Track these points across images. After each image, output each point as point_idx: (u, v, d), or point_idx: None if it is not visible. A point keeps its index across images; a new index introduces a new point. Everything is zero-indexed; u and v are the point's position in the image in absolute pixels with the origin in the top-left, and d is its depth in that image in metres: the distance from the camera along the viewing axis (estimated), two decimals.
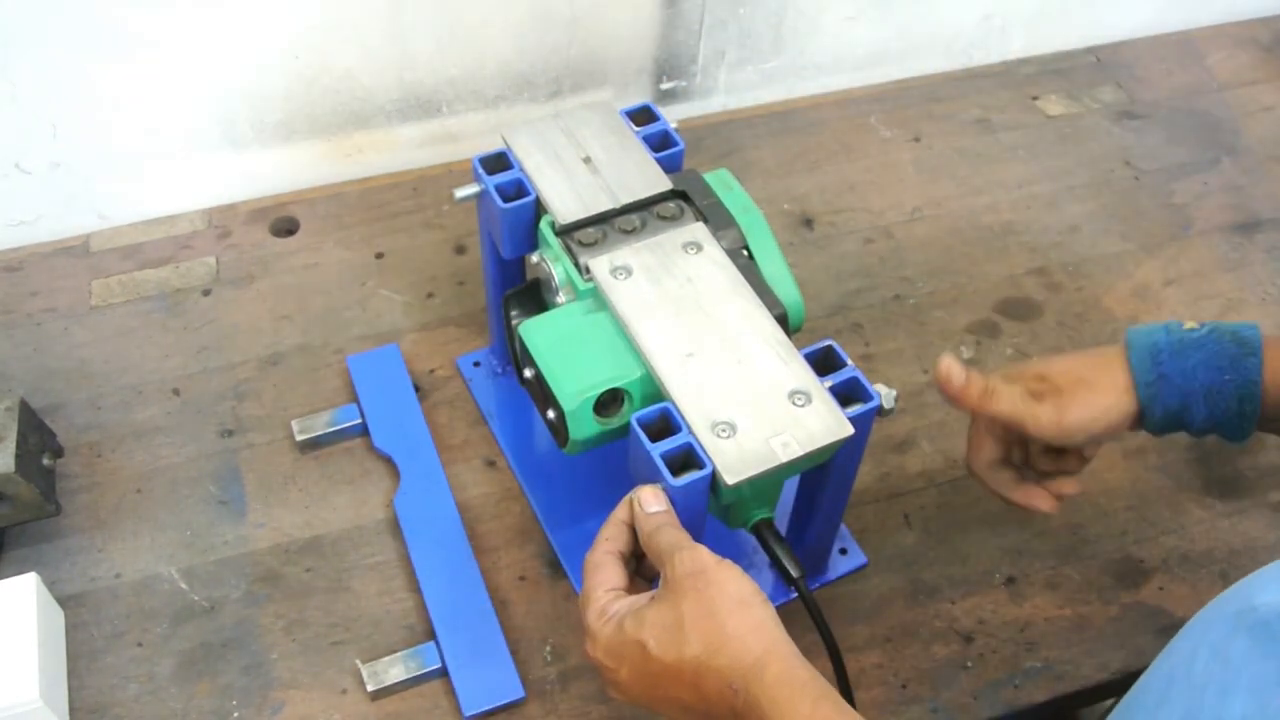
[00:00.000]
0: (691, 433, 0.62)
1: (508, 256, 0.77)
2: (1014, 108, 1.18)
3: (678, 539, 0.60)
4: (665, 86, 1.14)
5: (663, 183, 0.74)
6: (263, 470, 0.86)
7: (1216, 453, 0.89)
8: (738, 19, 1.10)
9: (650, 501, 0.62)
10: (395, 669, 0.75)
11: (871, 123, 1.15)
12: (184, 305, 0.96)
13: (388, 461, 0.86)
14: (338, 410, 0.88)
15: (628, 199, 0.73)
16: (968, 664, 0.77)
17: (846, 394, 0.65)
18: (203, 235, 1.02)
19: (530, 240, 0.76)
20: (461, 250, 1.01)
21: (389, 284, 0.99)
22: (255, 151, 1.04)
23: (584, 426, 0.66)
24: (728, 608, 0.56)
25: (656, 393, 0.66)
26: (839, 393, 0.65)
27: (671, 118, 0.79)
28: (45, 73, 0.92)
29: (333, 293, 0.98)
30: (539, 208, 0.74)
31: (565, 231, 0.72)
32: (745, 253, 0.72)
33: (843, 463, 0.68)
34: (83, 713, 0.74)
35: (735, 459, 0.61)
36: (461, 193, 0.77)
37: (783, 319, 0.68)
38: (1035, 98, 1.19)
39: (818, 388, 0.64)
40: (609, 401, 0.66)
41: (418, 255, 1.01)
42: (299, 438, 0.86)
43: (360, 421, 0.87)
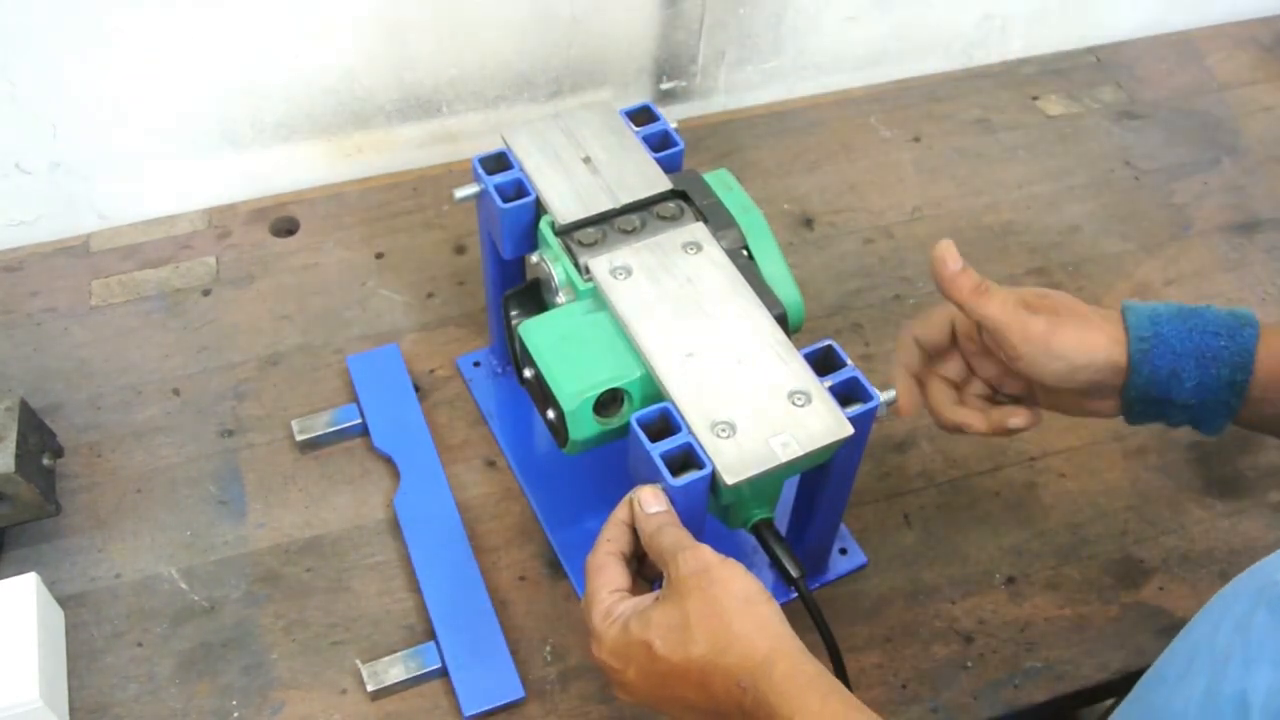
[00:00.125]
0: (691, 433, 0.62)
1: (508, 256, 0.77)
2: (1014, 108, 1.18)
3: (680, 538, 0.60)
4: (665, 86, 1.14)
5: (663, 183, 0.74)
6: (263, 470, 0.86)
7: (1216, 453, 0.89)
8: (738, 19, 1.10)
9: (650, 502, 0.61)
10: (395, 669, 0.75)
11: (871, 123, 1.15)
12: (184, 305, 0.96)
13: (388, 461, 0.86)
14: (338, 410, 0.88)
15: (628, 199, 0.73)
16: (968, 664, 0.77)
17: (846, 394, 0.65)
18: (203, 235, 1.02)
19: (530, 240, 0.76)
20: (461, 250, 1.01)
21: (389, 284, 0.99)
22: (255, 151, 1.04)
23: (584, 426, 0.66)
24: (733, 606, 0.56)
25: (656, 393, 0.66)
26: (839, 393, 0.65)
27: (671, 118, 0.79)
28: (45, 73, 0.92)
29: (333, 293, 0.98)
30: (539, 208, 0.74)
31: (565, 231, 0.72)
32: (745, 253, 0.72)
33: (843, 463, 0.68)
34: (83, 713, 0.74)
35: (735, 459, 0.61)
36: (461, 193, 0.77)
37: (783, 319, 0.68)
38: (1035, 98, 1.19)
39: (818, 388, 0.64)
40: (609, 401, 0.66)
41: (418, 255, 1.01)
42: (299, 438, 0.86)
43: (360, 421, 0.87)
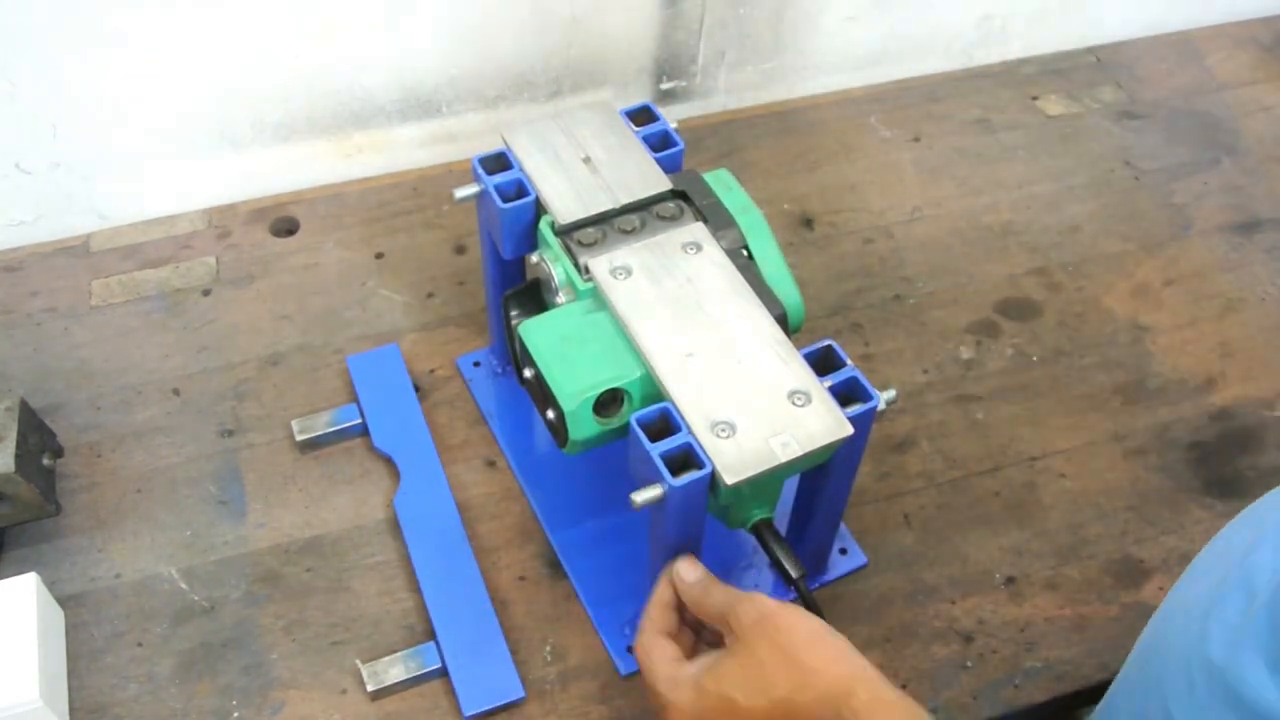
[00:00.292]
0: (691, 433, 0.62)
1: (508, 256, 0.77)
2: (1014, 108, 1.18)
3: (731, 593, 0.60)
4: (665, 86, 1.14)
5: (662, 183, 0.74)
6: (263, 470, 0.86)
7: (1216, 453, 0.89)
8: (738, 19, 1.10)
9: (688, 571, 0.63)
10: (395, 669, 0.75)
11: (871, 123, 1.15)
12: (184, 305, 0.96)
13: (388, 461, 0.86)
14: (338, 410, 0.88)
15: (627, 199, 0.73)
16: (968, 664, 0.77)
17: (846, 394, 0.65)
18: (203, 235, 1.02)
19: (530, 240, 0.76)
20: (461, 250, 1.01)
21: (389, 284, 0.99)
22: (255, 151, 1.04)
23: (584, 426, 0.66)
24: (803, 645, 0.57)
25: (656, 393, 0.66)
26: (839, 393, 0.65)
27: (671, 118, 0.79)
28: (45, 73, 0.92)
29: (333, 293, 0.98)
30: (539, 208, 0.74)
31: (565, 231, 0.72)
32: (745, 253, 0.72)
33: (843, 463, 0.68)
34: (83, 713, 0.74)
35: (735, 459, 0.61)
36: (461, 193, 0.77)
37: (782, 319, 0.68)
38: (1035, 98, 1.19)
39: (817, 388, 0.64)
40: (609, 401, 0.66)
41: (418, 255, 1.01)
42: (299, 438, 0.86)
43: (360, 421, 0.87)
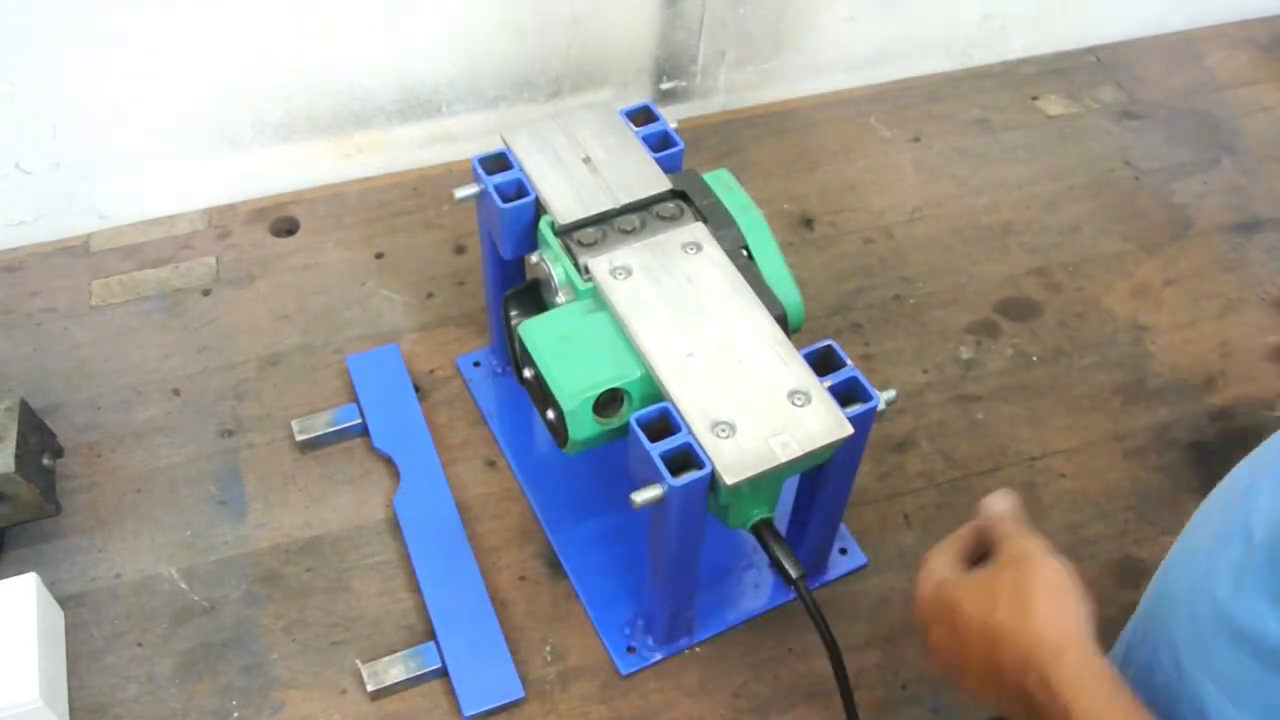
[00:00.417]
0: (691, 433, 0.62)
1: (508, 256, 0.77)
2: (1014, 108, 1.18)
3: (1015, 528, 0.61)
4: (665, 86, 1.14)
5: (662, 183, 0.74)
6: (263, 470, 0.86)
7: (1216, 452, 0.89)
8: (738, 19, 1.10)
9: (999, 500, 0.63)
10: (395, 669, 0.75)
11: (871, 123, 1.15)
12: (184, 305, 0.96)
13: (388, 461, 0.86)
14: (338, 410, 0.88)
15: (627, 199, 0.73)
16: None
17: (846, 394, 0.65)
18: (203, 235, 1.02)
19: (530, 240, 0.76)
20: (461, 250, 1.01)
21: (389, 284, 0.99)
22: (255, 151, 1.04)
23: (583, 426, 0.66)
24: (1042, 589, 0.57)
25: (656, 393, 0.66)
26: (838, 393, 0.65)
27: (671, 118, 0.79)
28: (45, 73, 0.92)
29: (333, 293, 0.98)
30: (539, 208, 0.74)
31: (565, 231, 0.72)
32: (745, 253, 0.72)
33: (842, 463, 0.68)
34: (83, 713, 0.74)
35: (735, 459, 0.61)
36: (461, 193, 0.77)
37: (782, 319, 0.68)
38: (1035, 98, 1.19)
39: (817, 388, 0.64)
40: (608, 401, 0.66)
41: (418, 255, 1.01)
42: (299, 438, 0.86)
43: (360, 421, 0.87)
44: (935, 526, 0.84)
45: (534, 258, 0.73)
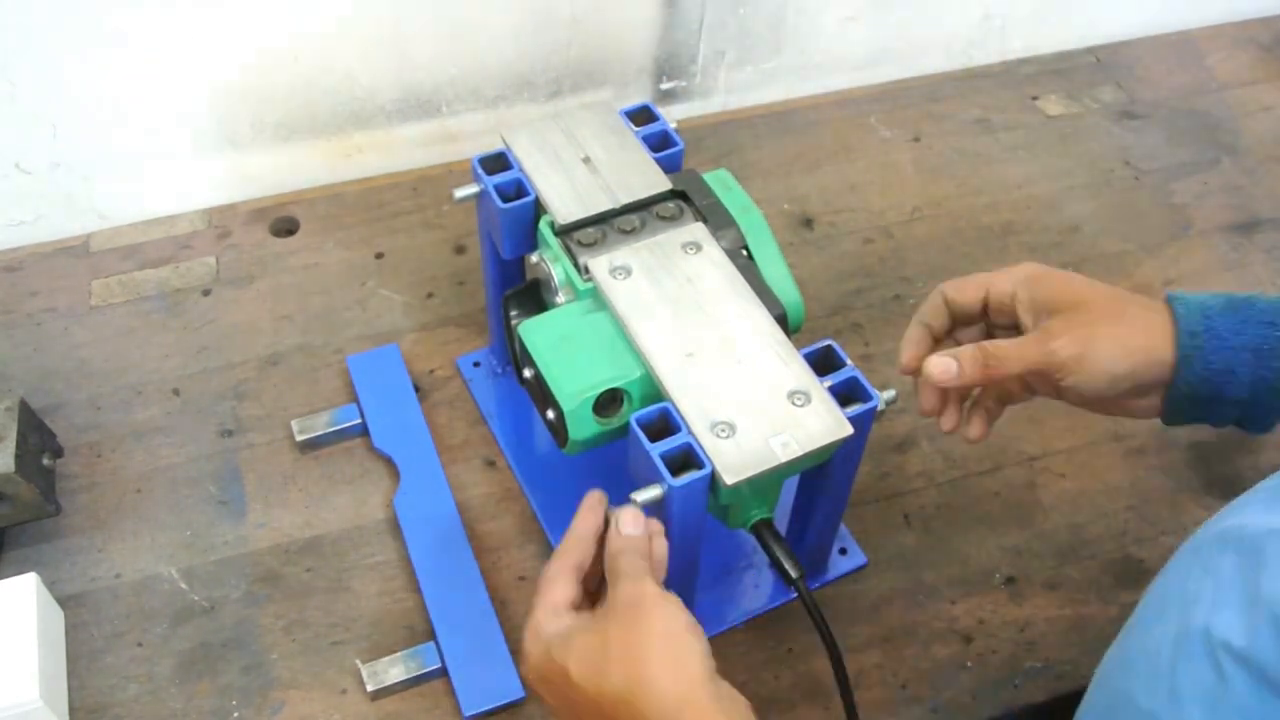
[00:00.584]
0: (691, 433, 0.62)
1: (507, 256, 0.77)
2: (1014, 108, 1.18)
3: (632, 567, 0.58)
4: (665, 86, 1.14)
5: (662, 183, 0.74)
6: (263, 470, 0.86)
7: (1216, 452, 0.89)
8: (738, 19, 1.10)
9: (628, 523, 0.60)
10: (395, 669, 0.75)
11: (871, 123, 1.15)
12: (184, 305, 0.96)
13: (388, 461, 0.86)
14: (338, 410, 0.88)
15: (627, 199, 0.73)
16: (968, 664, 0.77)
17: (846, 394, 0.65)
18: (203, 235, 1.02)
19: (530, 240, 0.76)
20: (461, 250, 1.01)
21: (389, 284, 0.99)
22: (255, 151, 1.04)
23: (583, 426, 0.66)
24: (653, 645, 0.54)
25: (656, 393, 0.66)
26: (838, 393, 0.65)
27: (671, 118, 0.79)
28: (45, 73, 0.92)
29: (333, 293, 0.98)
30: (539, 208, 0.74)
31: (565, 231, 0.72)
32: (745, 253, 0.72)
33: (842, 463, 0.68)
34: (83, 713, 0.74)
35: (735, 459, 0.61)
36: (461, 193, 0.77)
37: (782, 319, 0.68)
38: (1035, 98, 1.19)
39: (817, 388, 0.64)
40: (608, 401, 0.66)
41: (418, 255, 1.01)
42: (299, 438, 0.86)
43: (360, 421, 0.87)
44: (935, 526, 0.84)
45: (534, 258, 0.73)
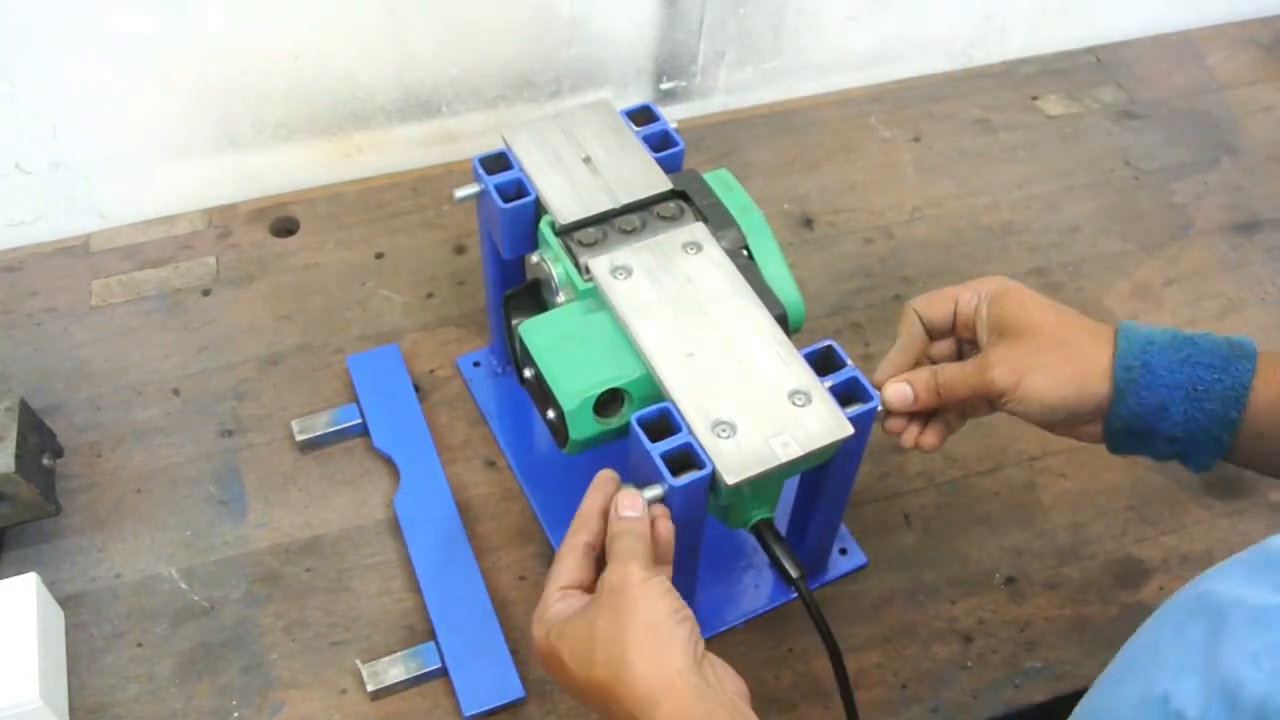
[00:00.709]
0: (691, 433, 0.62)
1: (508, 256, 0.77)
2: (1014, 108, 1.18)
3: (627, 550, 0.59)
4: (665, 86, 1.14)
5: (663, 183, 0.74)
6: (263, 470, 0.86)
7: None
8: (738, 19, 1.11)
9: (625, 506, 0.61)
10: (395, 669, 0.75)
11: (871, 123, 1.15)
12: (184, 305, 0.96)
13: (388, 461, 0.86)
14: (338, 410, 0.88)
15: (628, 199, 0.73)
16: (968, 664, 0.77)
17: (846, 394, 0.65)
18: (203, 235, 1.02)
19: (530, 240, 0.76)
20: (461, 250, 1.01)
21: (389, 284, 0.99)
22: (255, 151, 1.04)
23: (584, 426, 0.66)
24: (635, 633, 0.55)
25: (656, 393, 0.66)
26: (839, 393, 0.65)
27: (671, 118, 0.79)
28: (45, 73, 0.92)
29: (333, 293, 0.98)
30: (539, 208, 0.74)
31: (565, 231, 0.72)
32: (745, 253, 0.72)
33: (843, 463, 0.68)
34: (83, 713, 0.74)
35: (735, 459, 0.61)
36: (461, 193, 0.77)
37: (783, 319, 0.68)
38: (1035, 98, 1.19)
39: (818, 388, 0.64)
40: (609, 401, 0.66)
41: (418, 255, 1.01)
42: (299, 438, 0.86)
43: (360, 421, 0.87)
44: (935, 526, 0.84)
45: (534, 258, 0.73)
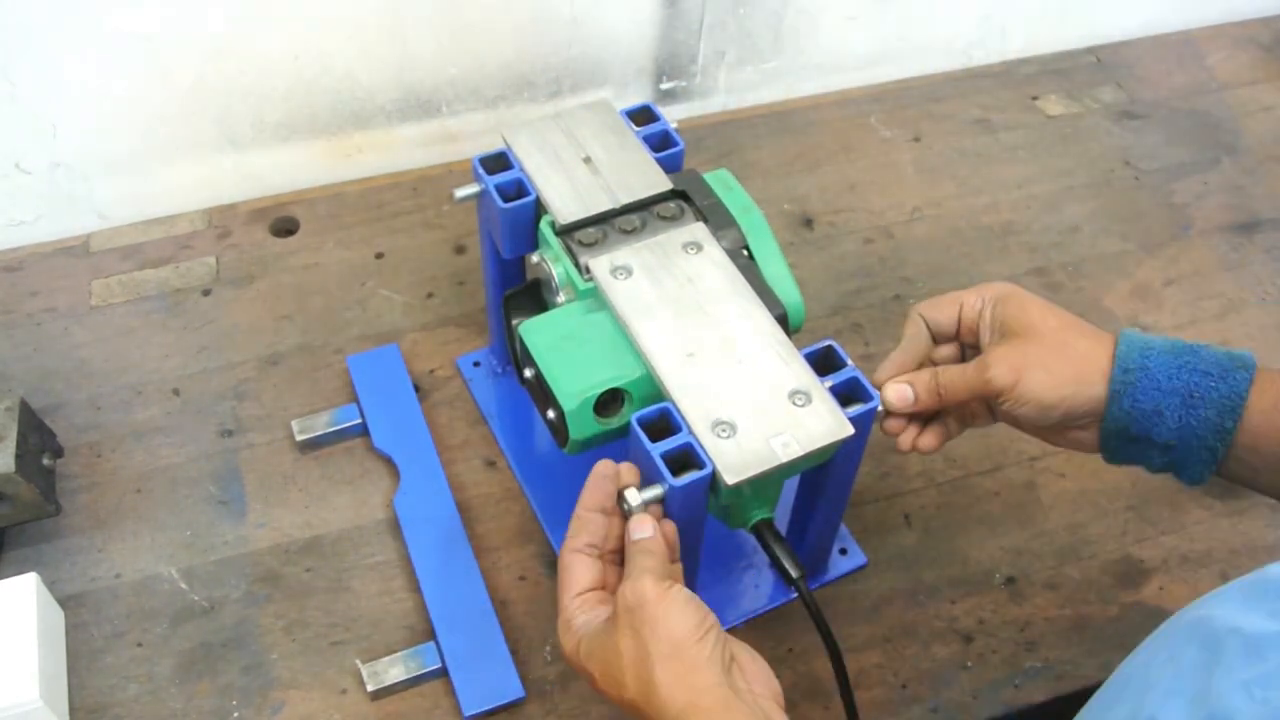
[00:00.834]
0: (691, 432, 0.62)
1: (508, 256, 0.77)
2: (1014, 108, 1.18)
3: (636, 565, 0.59)
4: (665, 86, 1.14)
5: (663, 183, 0.74)
6: (263, 470, 0.86)
7: None
8: (738, 19, 1.11)
9: (636, 530, 0.61)
10: (395, 669, 0.75)
11: (871, 123, 1.15)
12: (184, 305, 0.96)
13: (388, 461, 0.86)
14: (338, 410, 0.88)
15: (628, 199, 0.73)
16: (968, 664, 0.77)
17: (847, 394, 0.65)
18: (203, 235, 1.02)
19: (530, 240, 0.76)
20: (461, 250, 1.01)
21: (389, 284, 0.99)
22: (255, 151, 1.04)
23: (584, 426, 0.66)
24: (659, 652, 0.56)
25: (656, 392, 0.66)
26: (839, 393, 0.65)
27: (671, 118, 0.79)
28: (45, 73, 0.92)
29: (333, 293, 0.98)
30: (539, 208, 0.74)
31: (565, 231, 0.72)
32: (745, 253, 0.72)
33: (843, 463, 0.68)
34: (83, 713, 0.74)
35: (735, 459, 0.61)
36: (461, 193, 0.77)
37: (783, 319, 0.68)
38: (1035, 98, 1.19)
39: (818, 388, 0.64)
40: (609, 401, 0.66)
41: (418, 255, 1.01)
42: (299, 438, 0.86)
43: (360, 421, 0.87)
44: (935, 526, 0.84)
45: (534, 258, 0.73)
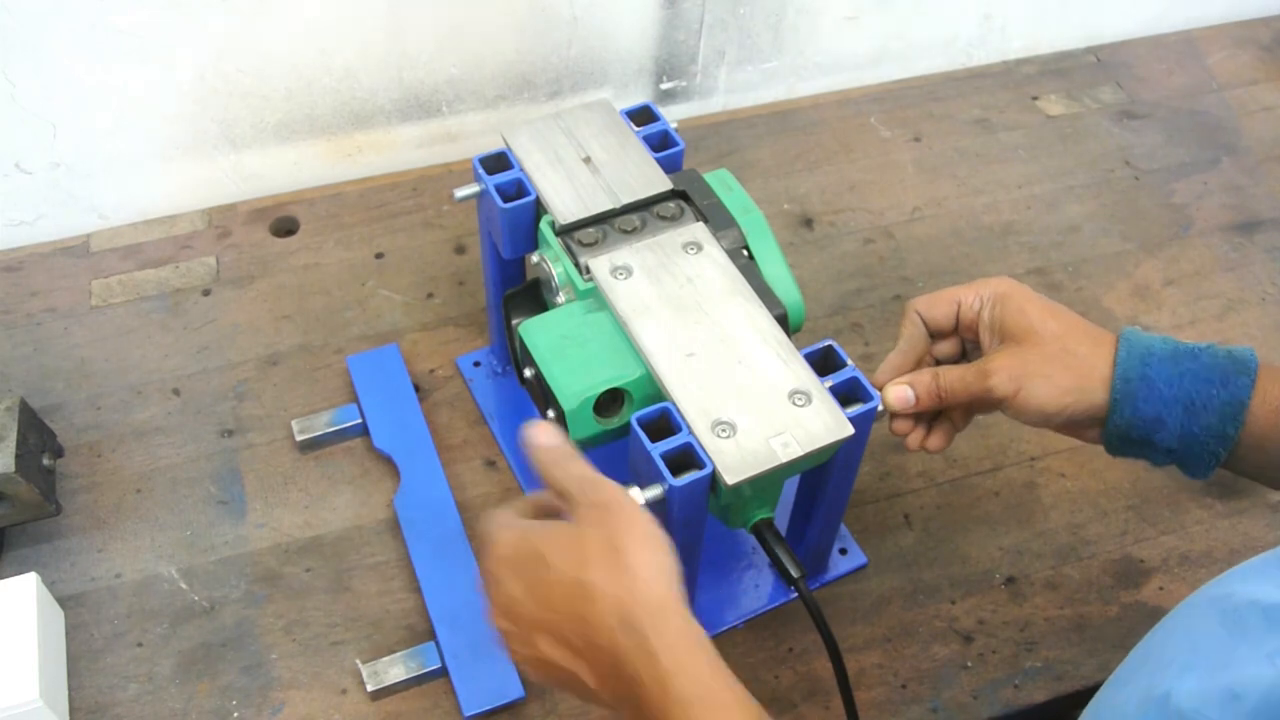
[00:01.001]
0: (691, 432, 0.62)
1: (508, 256, 0.77)
2: (1014, 108, 1.18)
3: (585, 470, 0.57)
4: (665, 86, 1.15)
5: (663, 183, 0.74)
6: (263, 470, 0.86)
7: None
8: (738, 19, 1.11)
9: (542, 435, 0.58)
10: (395, 669, 0.75)
11: (871, 123, 1.15)
12: (184, 305, 0.96)
13: (388, 461, 0.86)
14: (338, 410, 0.88)
15: (628, 199, 0.73)
16: (968, 664, 0.77)
17: (847, 394, 0.65)
18: (203, 235, 1.02)
19: (530, 240, 0.76)
20: (461, 250, 1.01)
21: (389, 284, 0.99)
22: (255, 151, 1.04)
23: (584, 426, 0.66)
24: (634, 542, 0.53)
25: (656, 393, 0.66)
26: (839, 393, 0.65)
27: (671, 118, 0.79)
28: (45, 73, 0.92)
29: (333, 293, 0.98)
30: (539, 208, 0.74)
31: (565, 231, 0.72)
32: (745, 253, 0.72)
33: (843, 463, 0.68)
34: (83, 713, 0.74)
35: (735, 459, 0.61)
36: (461, 193, 0.77)
37: (783, 319, 0.68)
38: (1035, 98, 1.19)
39: (818, 388, 0.64)
40: (609, 401, 0.66)
41: (418, 255, 1.01)
42: (299, 438, 0.86)
43: (360, 421, 0.87)
44: (935, 527, 0.84)
45: (534, 258, 0.73)
